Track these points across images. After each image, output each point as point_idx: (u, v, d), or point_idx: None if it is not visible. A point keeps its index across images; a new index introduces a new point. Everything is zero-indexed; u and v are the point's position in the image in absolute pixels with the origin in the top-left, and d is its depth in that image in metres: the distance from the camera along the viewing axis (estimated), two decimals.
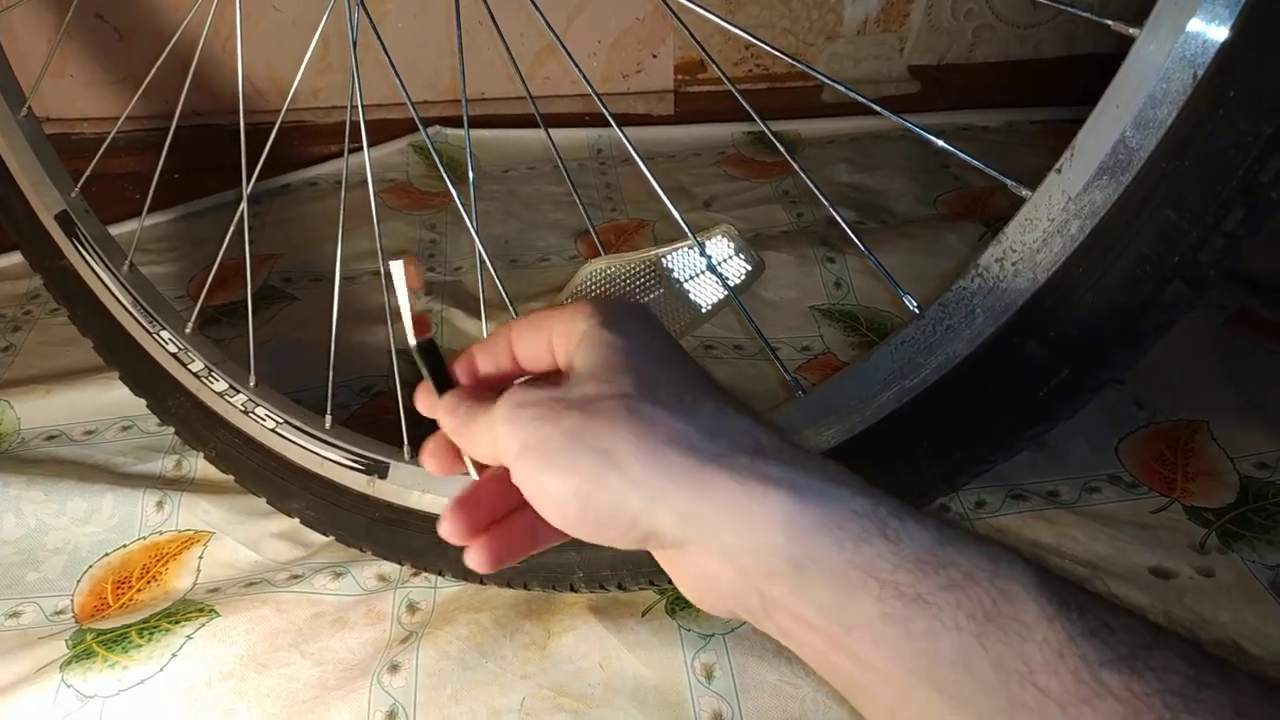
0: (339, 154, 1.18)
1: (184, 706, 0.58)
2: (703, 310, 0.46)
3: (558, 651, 0.60)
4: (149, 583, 0.67)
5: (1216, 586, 0.61)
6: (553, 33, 0.59)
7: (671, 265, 0.46)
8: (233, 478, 0.69)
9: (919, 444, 0.49)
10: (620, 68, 1.22)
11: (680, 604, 0.62)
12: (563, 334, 0.37)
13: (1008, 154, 1.12)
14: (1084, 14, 0.44)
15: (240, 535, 0.69)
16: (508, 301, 0.60)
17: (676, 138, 1.19)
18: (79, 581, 0.67)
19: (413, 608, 0.64)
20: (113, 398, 0.79)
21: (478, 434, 0.36)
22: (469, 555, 0.37)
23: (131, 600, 0.66)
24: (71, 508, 0.70)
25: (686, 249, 0.46)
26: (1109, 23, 0.40)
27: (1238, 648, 0.57)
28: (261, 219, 1.06)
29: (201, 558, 0.68)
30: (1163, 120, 0.38)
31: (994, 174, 0.44)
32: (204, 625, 0.62)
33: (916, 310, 0.48)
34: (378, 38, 0.60)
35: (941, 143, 0.47)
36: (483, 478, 0.39)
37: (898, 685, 0.28)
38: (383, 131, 1.17)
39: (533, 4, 0.59)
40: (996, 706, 0.27)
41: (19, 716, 0.57)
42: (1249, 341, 0.79)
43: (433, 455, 0.40)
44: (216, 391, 0.67)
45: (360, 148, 0.59)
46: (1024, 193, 0.43)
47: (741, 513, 0.30)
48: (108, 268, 0.70)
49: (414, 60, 1.18)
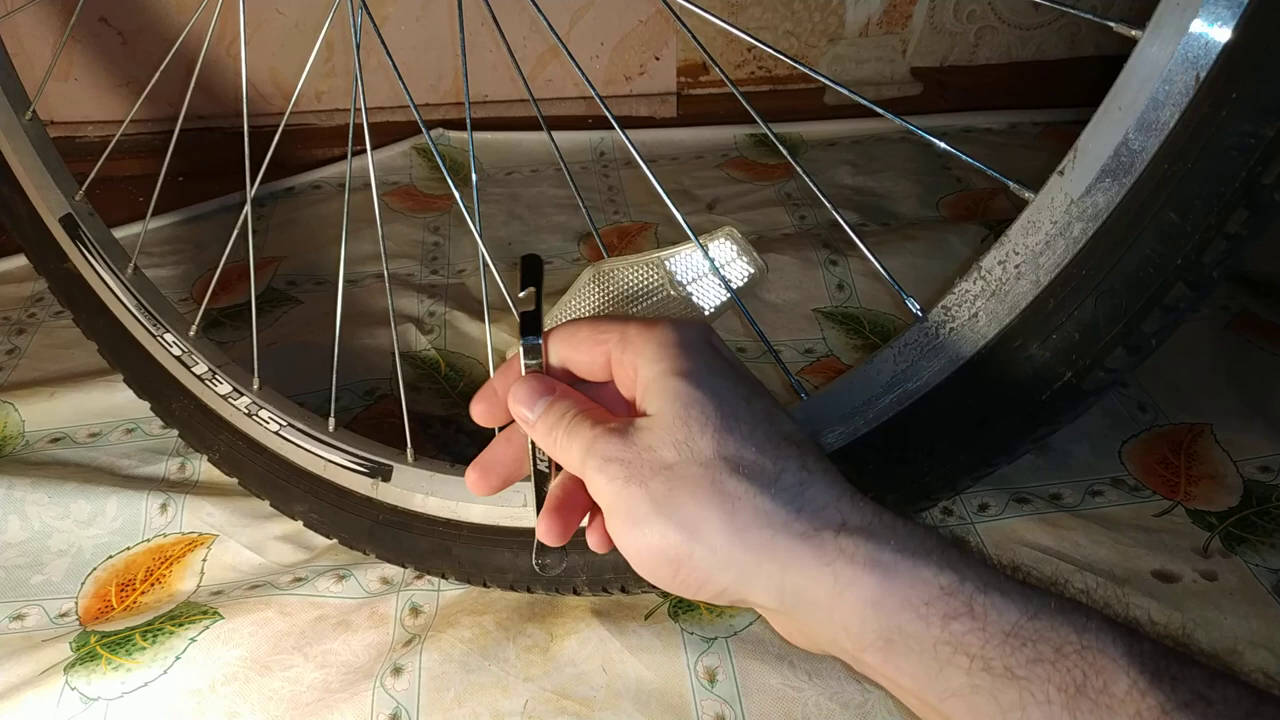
0: (342, 157, 1.18)
1: (188, 709, 0.58)
2: (706, 313, 0.46)
3: (560, 655, 0.60)
4: (153, 585, 0.67)
5: (1220, 590, 0.61)
6: (555, 35, 0.60)
7: (674, 268, 0.46)
8: (236, 480, 0.69)
9: (922, 447, 0.49)
10: (623, 70, 1.23)
11: (683, 607, 0.62)
12: (625, 364, 0.38)
13: (1010, 156, 1.12)
14: (1086, 15, 0.44)
15: (244, 538, 0.69)
16: (511, 304, 0.60)
17: (679, 140, 1.19)
18: (83, 584, 0.67)
19: (416, 611, 0.64)
20: (117, 400, 0.79)
21: (570, 452, 0.37)
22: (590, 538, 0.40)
23: (135, 603, 0.66)
24: (76, 510, 0.70)
25: (689, 251, 0.46)
26: (1111, 24, 0.40)
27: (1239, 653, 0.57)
28: (265, 222, 1.06)
29: (205, 560, 0.68)
30: (1165, 122, 0.38)
31: (996, 176, 0.44)
32: (207, 628, 0.62)
33: (919, 313, 0.48)
34: (380, 41, 0.60)
35: (944, 145, 0.47)
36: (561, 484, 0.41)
37: None
38: (386, 134, 1.18)
39: (535, 7, 0.59)
40: None
41: (23, 719, 0.57)
42: (1252, 344, 0.79)
43: (481, 476, 0.42)
44: (220, 394, 0.67)
45: (363, 150, 0.59)
46: (1026, 195, 0.43)
47: (828, 592, 0.31)
48: (112, 271, 0.70)
49: (417, 63, 1.18)
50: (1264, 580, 0.61)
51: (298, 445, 0.65)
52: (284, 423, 0.65)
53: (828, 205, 0.49)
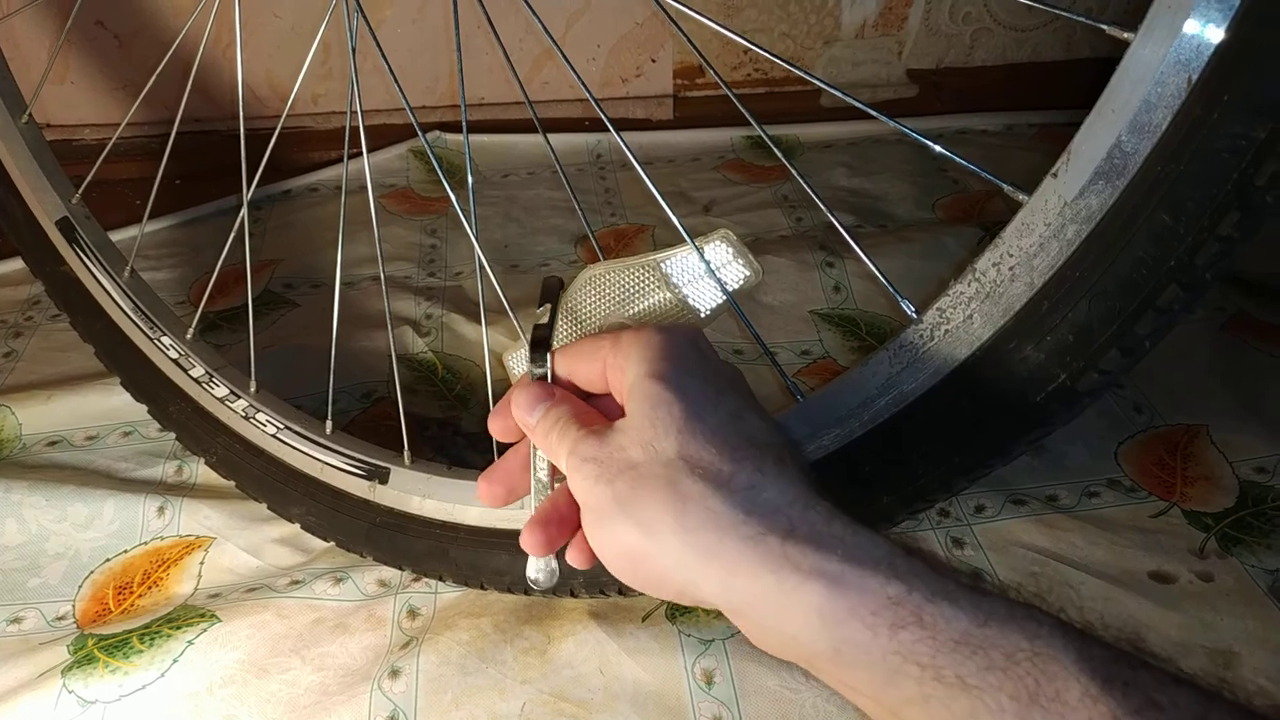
0: (339, 160, 1.18)
1: (185, 712, 0.58)
2: (702, 315, 0.47)
3: (558, 657, 0.60)
4: (150, 588, 0.67)
5: (1216, 591, 0.61)
6: (550, 38, 0.60)
7: (670, 270, 0.46)
8: (234, 483, 0.69)
9: (917, 449, 0.49)
10: (619, 72, 1.23)
11: (681, 609, 0.62)
12: (616, 369, 0.39)
13: (1006, 157, 1.12)
14: (1079, 18, 0.44)
15: (241, 541, 0.69)
16: (507, 307, 0.60)
17: (675, 142, 1.19)
18: (80, 587, 0.67)
19: (413, 613, 0.64)
20: (114, 403, 0.79)
21: (559, 454, 0.39)
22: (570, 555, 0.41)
23: (133, 606, 0.66)
24: (73, 513, 0.70)
25: (685, 254, 0.46)
26: (1104, 27, 0.40)
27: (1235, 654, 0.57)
28: (262, 225, 1.06)
29: (202, 563, 0.68)
30: (1158, 124, 0.38)
31: (991, 179, 0.45)
32: (205, 630, 0.62)
33: (914, 315, 0.48)
34: (376, 44, 0.60)
35: (939, 148, 0.47)
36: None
37: None
38: (382, 137, 1.18)
39: (530, 9, 0.59)
40: None
41: None
42: (1247, 345, 0.79)
43: (490, 487, 0.44)
44: (217, 397, 0.67)
45: (360, 153, 0.59)
46: (1021, 197, 0.43)
47: (774, 601, 0.31)
48: (109, 274, 0.70)
49: (413, 66, 1.18)
50: (1260, 581, 0.61)
51: (295, 448, 0.65)
52: (281, 425, 0.65)
53: (823, 207, 0.49)
